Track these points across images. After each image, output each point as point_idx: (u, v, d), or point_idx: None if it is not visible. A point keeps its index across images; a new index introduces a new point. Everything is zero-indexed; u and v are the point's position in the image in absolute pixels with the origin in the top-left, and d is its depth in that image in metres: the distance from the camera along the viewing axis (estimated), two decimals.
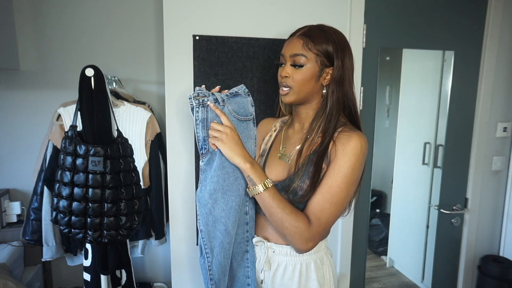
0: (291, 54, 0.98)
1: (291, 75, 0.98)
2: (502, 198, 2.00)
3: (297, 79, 0.98)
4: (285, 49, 1.01)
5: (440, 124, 1.95)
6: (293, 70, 0.98)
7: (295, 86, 0.99)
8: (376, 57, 1.64)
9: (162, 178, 1.71)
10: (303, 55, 0.96)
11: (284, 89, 1.01)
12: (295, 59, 0.97)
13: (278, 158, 1.07)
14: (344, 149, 0.93)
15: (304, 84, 0.98)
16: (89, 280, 1.53)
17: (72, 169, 1.37)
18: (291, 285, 1.02)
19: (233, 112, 1.06)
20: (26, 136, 1.90)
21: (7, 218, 1.87)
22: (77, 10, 1.86)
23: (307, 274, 1.02)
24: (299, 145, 1.03)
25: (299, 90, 0.99)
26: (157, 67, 1.98)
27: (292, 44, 0.99)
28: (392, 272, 2.62)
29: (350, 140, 0.94)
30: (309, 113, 1.05)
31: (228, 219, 1.02)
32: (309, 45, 0.96)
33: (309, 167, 0.96)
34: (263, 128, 1.19)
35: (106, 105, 1.42)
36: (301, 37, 0.98)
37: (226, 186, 1.01)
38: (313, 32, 0.97)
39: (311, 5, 1.47)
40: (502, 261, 1.94)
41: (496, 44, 1.79)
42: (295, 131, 1.09)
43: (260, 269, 1.06)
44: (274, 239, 1.05)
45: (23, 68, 1.85)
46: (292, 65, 0.98)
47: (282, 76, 1.00)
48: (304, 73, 0.97)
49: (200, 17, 1.38)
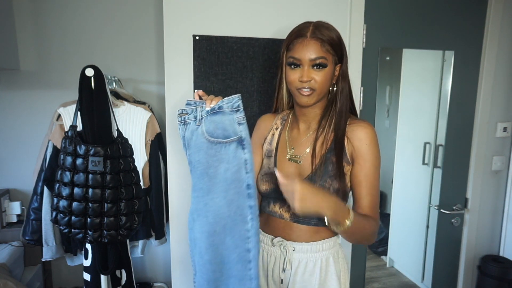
0: (312, 57, 0.97)
1: (313, 78, 0.98)
2: (502, 198, 2.00)
3: (320, 81, 0.98)
4: (301, 52, 0.97)
5: (440, 124, 1.95)
6: (315, 73, 0.98)
7: (318, 88, 0.99)
8: (376, 57, 1.64)
9: (162, 178, 1.71)
10: (324, 57, 0.97)
11: (307, 91, 0.99)
12: (317, 62, 0.97)
13: (288, 160, 1.07)
14: (365, 144, 0.99)
15: (325, 85, 1.00)
16: (89, 280, 1.53)
17: (72, 169, 1.37)
18: (312, 281, 1.03)
19: (206, 133, 0.98)
20: (26, 136, 1.90)
21: (7, 218, 1.87)
22: (77, 10, 1.86)
23: (327, 268, 1.04)
24: (309, 146, 1.04)
25: (321, 92, 1.00)
26: (157, 67, 1.98)
27: (310, 47, 0.97)
28: (392, 272, 2.62)
29: (366, 133, 0.99)
30: (317, 112, 1.05)
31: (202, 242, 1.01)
32: (326, 47, 0.97)
33: (328, 166, 0.99)
34: (263, 126, 1.18)
35: (106, 105, 1.42)
36: (316, 39, 0.97)
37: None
38: (323, 32, 0.97)
39: (311, 5, 1.47)
40: (502, 261, 1.94)
41: (496, 44, 1.79)
42: (301, 131, 1.09)
43: (282, 269, 1.06)
44: (294, 237, 1.05)
45: (23, 68, 1.85)
46: (315, 68, 0.98)
47: (305, 81, 0.98)
48: (326, 74, 0.98)
49: (200, 17, 1.38)
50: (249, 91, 1.45)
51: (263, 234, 1.12)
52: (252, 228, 0.96)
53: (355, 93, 1.59)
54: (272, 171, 1.08)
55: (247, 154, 0.95)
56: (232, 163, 0.95)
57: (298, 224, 1.05)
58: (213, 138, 0.97)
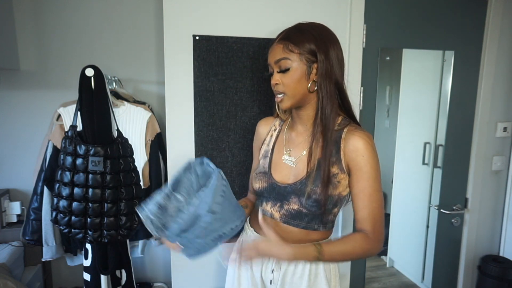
0: (275, 60, 0.98)
1: (281, 81, 0.98)
2: (502, 198, 2.00)
3: (287, 83, 0.98)
4: (269, 58, 1.01)
5: (440, 124, 1.95)
6: (281, 76, 0.98)
7: (287, 90, 0.98)
8: (376, 57, 1.64)
9: (162, 178, 1.71)
10: (286, 58, 0.96)
11: (279, 96, 1.01)
12: (280, 64, 0.98)
13: (283, 161, 1.07)
14: (361, 155, 0.95)
15: (296, 87, 0.98)
16: (89, 280, 1.53)
17: (72, 169, 1.37)
18: (300, 283, 1.03)
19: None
20: (26, 136, 1.90)
21: (7, 218, 1.87)
22: (77, 10, 1.86)
23: (316, 271, 1.04)
24: (305, 148, 1.04)
25: (293, 94, 0.99)
26: (157, 67, 1.98)
27: (274, 51, 0.99)
28: (392, 272, 2.62)
29: (363, 144, 0.96)
30: (310, 113, 1.04)
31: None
32: (289, 47, 0.96)
33: (320, 171, 0.98)
34: (262, 130, 1.19)
35: (106, 105, 1.42)
36: (280, 42, 0.98)
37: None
38: (290, 33, 0.98)
39: (311, 5, 1.47)
40: (502, 261, 1.94)
41: (496, 44, 1.79)
42: (299, 133, 1.08)
43: (271, 270, 1.06)
44: (283, 239, 1.04)
45: (23, 68, 1.85)
46: (279, 71, 0.98)
47: (273, 84, 1.01)
48: (292, 75, 0.97)
49: (200, 17, 1.38)
50: (249, 91, 1.45)
51: (252, 232, 1.13)
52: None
53: (355, 93, 1.59)
54: (266, 170, 1.09)
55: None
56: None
57: (287, 225, 1.04)
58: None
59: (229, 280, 1.19)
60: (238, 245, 1.18)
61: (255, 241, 0.94)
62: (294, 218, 1.03)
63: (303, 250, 0.92)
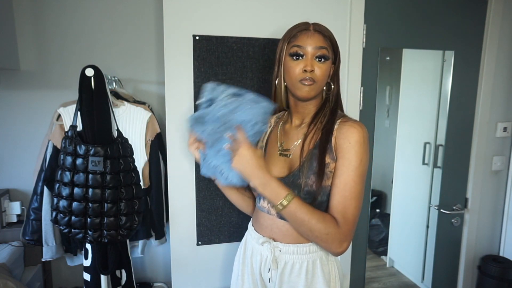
0: (317, 46, 0.96)
1: (316, 69, 0.97)
2: (502, 198, 2.00)
3: (321, 73, 0.97)
4: (305, 41, 0.97)
5: (440, 124, 1.95)
6: (317, 64, 0.97)
7: (319, 80, 0.98)
8: (376, 57, 1.64)
9: (162, 178, 1.71)
10: (327, 49, 0.98)
11: (309, 81, 0.97)
12: (323, 52, 0.97)
13: (278, 155, 1.07)
14: (350, 142, 0.93)
15: (325, 79, 1.00)
16: (89, 280, 1.53)
17: (72, 169, 1.37)
18: (298, 282, 1.03)
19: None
20: (26, 136, 1.90)
21: (7, 218, 1.87)
22: (77, 10, 1.86)
23: (313, 271, 1.03)
24: (299, 140, 1.04)
25: (320, 85, 1.00)
26: (157, 67, 1.98)
27: (314, 37, 0.97)
28: (392, 272, 2.62)
29: (352, 132, 0.94)
30: (311, 108, 1.05)
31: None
32: (327, 41, 0.98)
33: (313, 162, 0.97)
34: None
35: (106, 105, 1.42)
36: (318, 32, 0.99)
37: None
38: (321, 27, 1.00)
39: (311, 5, 1.47)
40: (502, 261, 1.94)
41: (496, 44, 1.79)
42: (293, 126, 1.09)
43: (268, 268, 1.06)
44: (280, 238, 1.05)
45: (23, 68, 1.85)
46: (317, 58, 0.97)
47: (309, 70, 0.96)
48: (327, 68, 0.99)
49: (200, 17, 1.38)
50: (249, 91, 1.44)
51: (254, 233, 1.13)
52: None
53: (355, 93, 1.60)
54: None
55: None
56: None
57: (284, 221, 1.03)
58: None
59: (234, 277, 1.22)
60: (243, 242, 1.20)
61: (244, 143, 0.97)
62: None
63: (277, 185, 0.94)
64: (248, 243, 1.15)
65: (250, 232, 1.16)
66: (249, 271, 1.12)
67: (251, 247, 1.12)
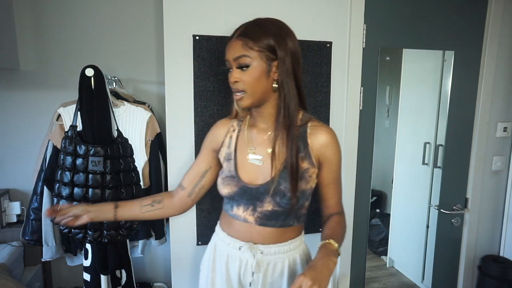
0: (234, 57, 0.95)
1: (241, 79, 0.95)
2: (502, 198, 2.00)
3: (247, 81, 0.95)
4: (227, 54, 0.97)
5: (440, 124, 1.95)
6: (241, 73, 0.95)
7: (247, 88, 0.95)
8: (376, 57, 1.64)
9: (162, 178, 1.71)
10: (246, 55, 0.93)
11: (238, 94, 0.97)
12: (239, 61, 0.94)
13: (249, 161, 1.04)
14: (331, 149, 1.02)
15: (256, 84, 0.95)
16: (89, 280, 1.53)
17: (72, 169, 1.37)
18: (281, 280, 1.04)
19: None
20: (26, 136, 1.90)
21: (7, 218, 1.87)
22: (77, 10, 1.86)
23: (295, 267, 1.06)
24: (270, 146, 1.02)
25: (253, 92, 0.96)
26: (157, 67, 1.98)
27: (233, 47, 0.95)
28: (392, 272, 2.62)
29: (330, 138, 1.01)
30: (270, 111, 1.01)
31: None
32: (249, 44, 0.93)
33: (290, 169, 0.97)
34: (218, 131, 1.13)
35: (106, 105, 1.42)
36: (239, 38, 0.95)
37: None
38: (250, 29, 0.95)
39: (311, 5, 1.47)
40: (502, 261, 1.94)
41: (496, 44, 1.79)
42: (261, 130, 1.05)
43: (251, 272, 1.04)
44: (261, 241, 1.04)
45: (23, 68, 1.85)
46: (238, 67, 0.95)
47: (232, 82, 0.97)
48: (252, 73, 0.94)
49: (200, 17, 1.38)
50: None
51: (228, 238, 1.08)
52: None
53: (355, 93, 1.59)
54: (233, 173, 1.04)
55: None
56: None
57: (264, 227, 1.03)
58: None
59: (202, 284, 1.17)
60: (211, 248, 1.15)
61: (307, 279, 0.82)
62: (270, 218, 1.02)
63: (329, 252, 0.89)
64: (220, 248, 1.11)
65: (222, 238, 1.11)
66: (223, 278, 1.08)
67: (226, 253, 1.08)
